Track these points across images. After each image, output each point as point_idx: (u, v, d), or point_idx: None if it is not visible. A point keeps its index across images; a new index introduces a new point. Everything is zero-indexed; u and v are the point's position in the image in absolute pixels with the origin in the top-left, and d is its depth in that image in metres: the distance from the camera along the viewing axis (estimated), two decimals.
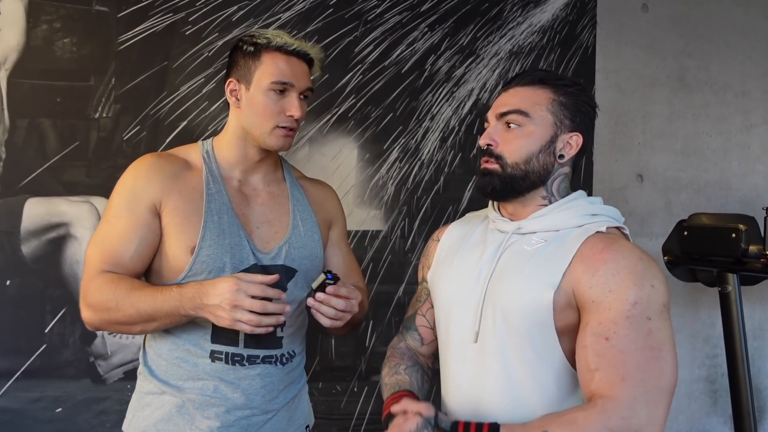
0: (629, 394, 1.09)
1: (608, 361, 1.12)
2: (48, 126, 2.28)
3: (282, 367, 1.49)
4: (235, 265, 1.42)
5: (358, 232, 2.62)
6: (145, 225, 1.41)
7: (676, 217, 2.91)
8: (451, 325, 1.32)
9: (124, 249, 1.40)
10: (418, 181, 2.69)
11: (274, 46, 1.45)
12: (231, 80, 1.49)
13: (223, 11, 2.45)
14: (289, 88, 1.44)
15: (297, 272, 1.50)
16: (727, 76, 3.18)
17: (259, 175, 1.54)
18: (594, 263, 1.17)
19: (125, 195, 1.44)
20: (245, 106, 1.46)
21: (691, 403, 3.18)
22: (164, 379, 1.45)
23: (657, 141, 3.09)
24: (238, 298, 1.27)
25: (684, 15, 3.11)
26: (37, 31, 2.28)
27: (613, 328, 1.13)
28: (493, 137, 1.28)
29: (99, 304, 1.37)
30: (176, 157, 1.50)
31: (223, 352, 1.43)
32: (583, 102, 1.30)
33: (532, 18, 2.82)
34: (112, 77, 2.34)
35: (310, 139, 2.57)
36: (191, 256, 1.40)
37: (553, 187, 1.29)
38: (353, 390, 2.62)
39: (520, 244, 1.27)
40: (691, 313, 3.14)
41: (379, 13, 2.63)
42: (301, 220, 1.54)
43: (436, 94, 2.71)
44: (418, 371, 1.40)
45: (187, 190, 1.45)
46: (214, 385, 1.43)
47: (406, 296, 2.67)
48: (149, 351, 1.49)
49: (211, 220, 1.43)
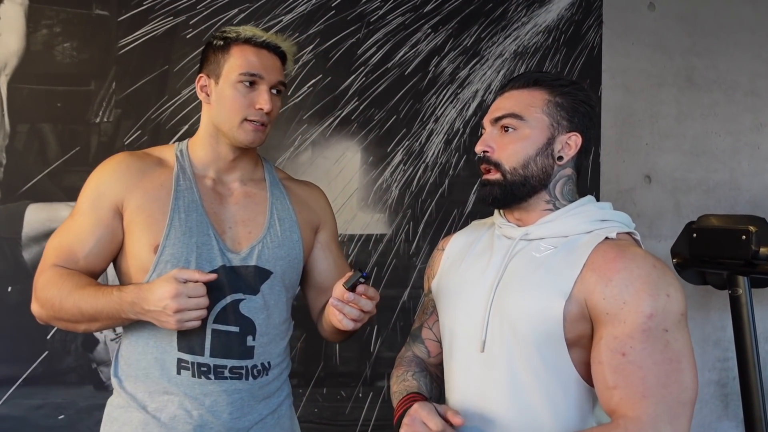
0: (652, 412, 1.07)
1: (626, 378, 1.09)
2: (48, 131, 2.28)
3: (254, 381, 1.41)
4: (201, 264, 1.37)
5: (362, 236, 2.60)
6: (104, 225, 1.39)
7: (684, 218, 2.88)
8: (456, 334, 1.29)
9: (79, 247, 1.38)
10: (422, 184, 2.66)
11: (243, 38, 1.42)
12: (201, 76, 1.46)
13: (224, 14, 2.43)
14: (258, 81, 1.41)
15: (272, 274, 1.44)
16: (736, 74, 3.14)
17: (235, 174, 1.49)
18: (606, 272, 1.14)
19: (90, 192, 1.41)
20: (215, 101, 1.43)
21: (702, 408, 3.14)
22: (131, 392, 1.40)
23: (665, 141, 3.05)
24: (181, 303, 1.24)
25: (692, 13, 3.07)
26: (37, 36, 2.27)
27: (630, 343, 1.10)
28: (489, 143, 1.26)
29: (44, 299, 1.36)
30: (149, 155, 1.48)
31: (189, 361, 1.37)
32: (581, 101, 1.27)
33: (537, 18, 2.79)
34: (112, 81, 2.33)
35: (312, 143, 2.55)
36: (155, 255, 1.36)
37: (556, 191, 1.26)
38: (358, 396, 2.60)
39: (528, 251, 1.23)
40: (701, 316, 3.09)
41: (381, 15, 2.61)
42: (279, 220, 1.49)
43: (440, 96, 2.68)
44: (426, 376, 1.37)
45: (154, 187, 1.41)
46: (179, 401, 1.37)
47: (411, 301, 2.65)
48: (120, 360, 1.45)
49: (177, 218, 1.39)
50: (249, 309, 1.41)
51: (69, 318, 1.35)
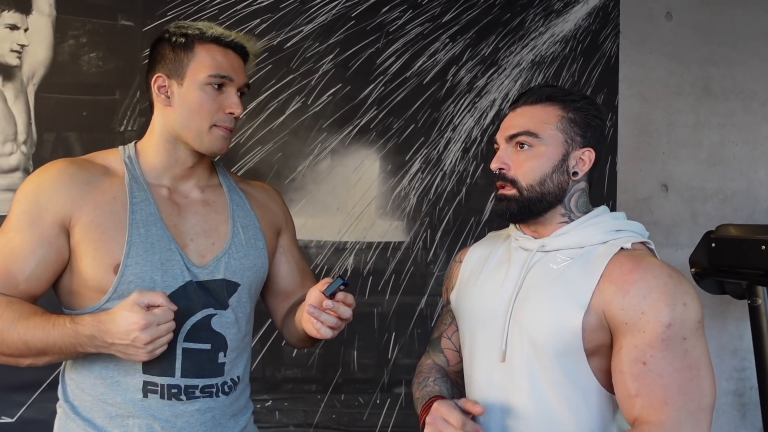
0: (674, 418, 1.09)
1: (648, 387, 1.11)
2: (74, 139, 2.31)
3: (224, 398, 1.32)
4: (168, 282, 1.26)
5: (380, 244, 2.62)
6: (47, 243, 1.23)
7: (701, 227, 2.87)
8: (477, 345, 1.30)
9: (18, 269, 1.22)
10: (440, 192, 2.68)
11: (209, 37, 1.30)
12: (159, 75, 1.30)
13: (246, 24, 2.47)
14: (227, 83, 1.30)
15: (240, 286, 1.35)
16: (753, 83, 3.14)
17: (192, 181, 1.37)
18: (624, 284, 1.15)
19: (26, 207, 1.24)
20: (178, 104, 1.30)
21: (719, 417, 3.13)
22: (88, 416, 1.27)
23: (682, 150, 3.05)
24: (151, 334, 1.13)
25: (708, 22, 3.08)
26: (64, 46, 2.31)
27: (650, 352, 1.11)
28: (505, 161, 1.26)
29: None
30: (92, 163, 1.32)
31: (157, 384, 1.26)
32: (593, 116, 1.28)
33: (554, 28, 2.81)
34: (136, 91, 2.36)
35: (332, 151, 2.57)
36: (115, 275, 1.23)
37: (571, 204, 1.28)
38: (375, 402, 2.61)
39: (546, 263, 1.25)
40: (718, 324, 3.09)
41: (400, 25, 2.64)
42: (242, 228, 1.38)
43: (457, 104, 2.70)
44: (446, 382, 1.39)
45: (105, 199, 1.26)
46: (146, 424, 1.26)
47: (429, 308, 2.66)
48: (69, 384, 1.31)
49: (136, 234, 1.25)
50: (221, 324, 1.32)
51: (11, 353, 1.20)
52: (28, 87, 2.27)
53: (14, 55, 2.25)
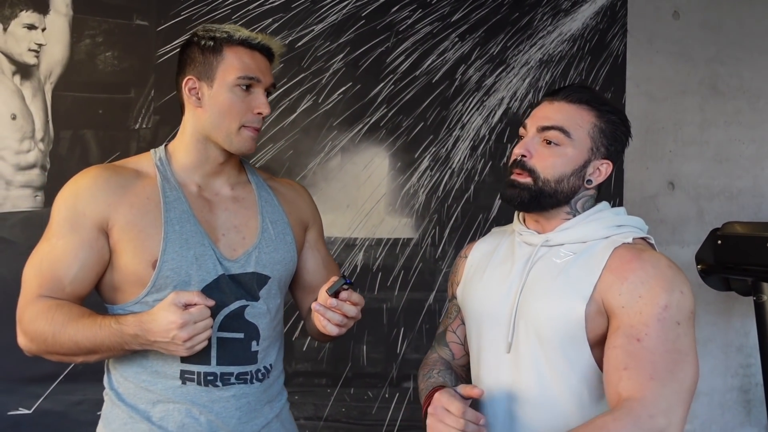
0: (657, 393, 1.12)
1: (638, 362, 1.14)
2: (90, 137, 2.36)
3: (258, 385, 1.38)
4: (202, 276, 1.32)
5: (390, 240, 2.66)
6: (88, 247, 1.29)
7: (708, 225, 2.90)
8: (483, 338, 1.34)
9: (62, 273, 1.28)
10: (448, 189, 2.71)
11: (236, 40, 1.34)
12: (189, 78, 1.35)
13: (259, 24, 2.50)
14: (255, 84, 1.35)
15: (270, 279, 1.40)
16: (760, 82, 3.16)
17: (222, 179, 1.42)
18: (623, 273, 1.19)
19: (66, 213, 1.31)
20: (208, 105, 1.34)
21: (725, 413, 3.15)
22: (132, 403, 1.34)
23: (688, 149, 3.07)
24: (189, 332, 1.19)
25: (716, 21, 3.10)
26: (81, 46, 2.35)
27: (645, 330, 1.15)
28: (530, 150, 1.28)
29: (35, 334, 1.27)
30: (124, 168, 1.38)
31: (194, 372, 1.32)
32: (622, 132, 1.32)
33: (562, 27, 2.84)
34: (151, 89, 2.41)
35: (342, 149, 2.61)
36: (153, 270, 1.29)
37: (578, 205, 1.31)
38: (384, 396, 2.65)
39: (549, 257, 1.28)
40: (724, 321, 3.11)
41: (410, 24, 2.67)
42: (271, 223, 1.43)
43: (466, 103, 2.73)
44: (451, 374, 1.42)
45: (140, 200, 1.32)
46: (186, 410, 1.32)
47: (437, 303, 2.70)
48: (113, 373, 1.38)
49: (171, 231, 1.31)
50: (253, 315, 1.38)
51: (64, 352, 1.27)
52: (46, 85, 2.31)
53: (32, 54, 2.30)
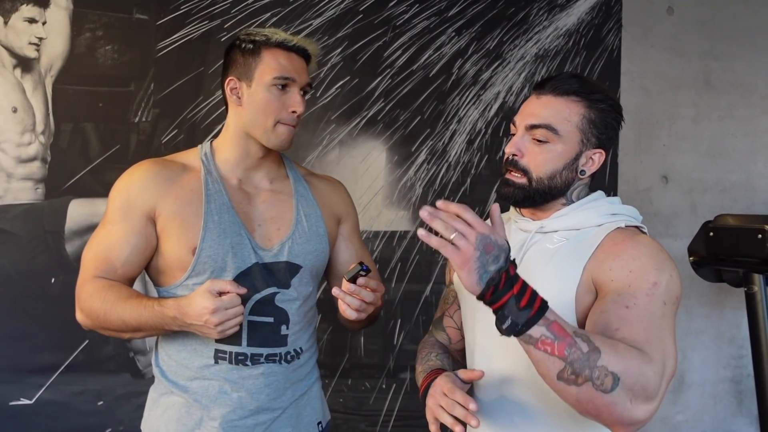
0: (652, 353, 1.08)
1: (630, 324, 1.11)
2: (91, 130, 2.38)
3: (287, 366, 1.49)
4: (237, 264, 1.43)
5: (387, 233, 2.68)
6: (137, 233, 1.43)
7: (701, 218, 2.93)
8: (477, 323, 1.36)
9: (115, 256, 1.42)
10: (445, 182, 2.74)
11: (273, 42, 1.45)
12: (231, 78, 1.48)
13: (257, 18, 2.53)
14: (290, 84, 1.45)
15: (301, 268, 1.50)
16: (753, 77, 3.19)
17: (262, 173, 1.54)
18: (615, 251, 1.21)
19: (120, 202, 1.45)
20: (247, 104, 1.46)
21: (717, 404, 3.19)
22: (173, 379, 1.47)
23: (682, 143, 3.10)
24: (220, 317, 1.29)
25: (709, 17, 3.12)
26: (81, 39, 2.37)
27: (633, 300, 1.14)
28: (521, 149, 1.29)
29: (89, 310, 1.41)
30: (173, 162, 1.51)
31: (227, 351, 1.44)
32: (612, 119, 1.31)
33: (557, 22, 2.86)
34: (151, 83, 2.43)
35: (340, 142, 2.63)
36: (193, 256, 1.42)
37: (573, 196, 1.33)
38: (381, 387, 2.68)
39: (543, 243, 1.30)
40: (716, 313, 3.15)
41: (407, 19, 2.69)
42: (305, 216, 1.54)
43: (462, 97, 2.76)
44: (448, 357, 1.45)
45: (185, 192, 1.45)
46: (219, 385, 1.45)
47: (434, 295, 2.73)
48: (161, 351, 1.52)
49: (211, 221, 1.43)
50: (283, 301, 1.48)
51: (114, 328, 1.41)
52: (46, 79, 2.33)
53: (32, 48, 2.32)
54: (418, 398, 1.33)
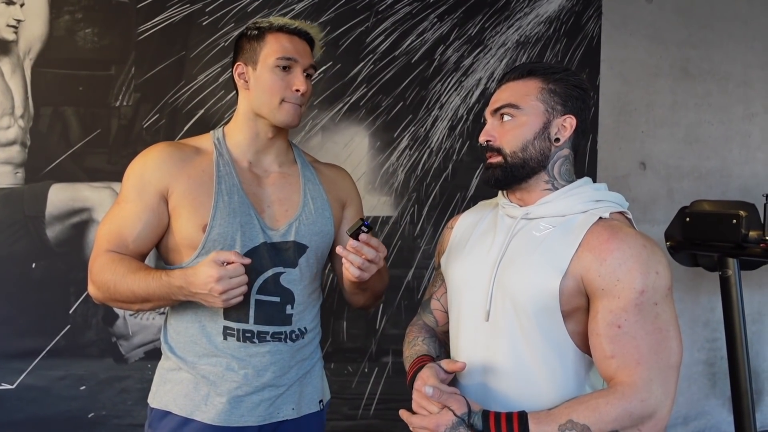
0: (645, 377, 1.18)
1: (622, 348, 1.20)
2: (71, 114, 2.35)
3: (292, 344, 1.54)
4: (245, 242, 1.49)
5: (369, 218, 2.68)
6: (150, 210, 1.48)
7: (677, 204, 2.99)
8: (463, 306, 1.39)
9: (128, 232, 1.48)
10: (427, 168, 2.76)
11: (276, 26, 1.53)
12: (239, 64, 1.56)
13: (239, 2, 2.51)
14: (293, 65, 1.51)
15: (308, 248, 1.56)
16: (729, 66, 3.25)
17: (271, 156, 1.59)
18: (601, 253, 1.23)
19: (134, 181, 1.50)
20: (253, 86, 1.53)
21: (691, 386, 3.27)
22: (181, 355, 1.53)
23: (660, 130, 3.15)
24: (224, 285, 1.34)
25: (687, 6, 3.17)
26: (60, 22, 2.34)
27: (624, 316, 1.20)
28: (491, 133, 1.35)
29: (101, 282, 1.46)
30: (186, 145, 1.57)
31: (234, 328, 1.49)
32: (573, 86, 1.35)
33: (538, 9, 2.88)
34: (132, 67, 2.41)
35: (322, 128, 2.63)
36: (203, 234, 1.47)
37: (554, 171, 1.35)
38: (364, 371, 2.70)
39: (529, 230, 1.33)
40: (691, 297, 3.22)
41: (389, 4, 2.69)
42: (312, 199, 1.60)
43: (444, 83, 2.77)
44: (435, 341, 1.48)
45: (197, 173, 1.51)
46: (226, 362, 1.50)
47: (415, 280, 2.75)
48: (169, 328, 1.56)
49: (221, 200, 1.49)
50: (288, 281, 1.54)
51: (124, 299, 1.46)
52: (25, 62, 2.30)
53: (10, 30, 2.28)
54: (403, 383, 1.36)
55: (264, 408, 1.52)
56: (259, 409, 1.52)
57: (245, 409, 1.51)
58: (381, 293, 1.66)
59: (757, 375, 3.31)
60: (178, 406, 1.51)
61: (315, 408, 1.62)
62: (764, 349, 3.38)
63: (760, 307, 3.35)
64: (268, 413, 1.53)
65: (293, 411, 1.56)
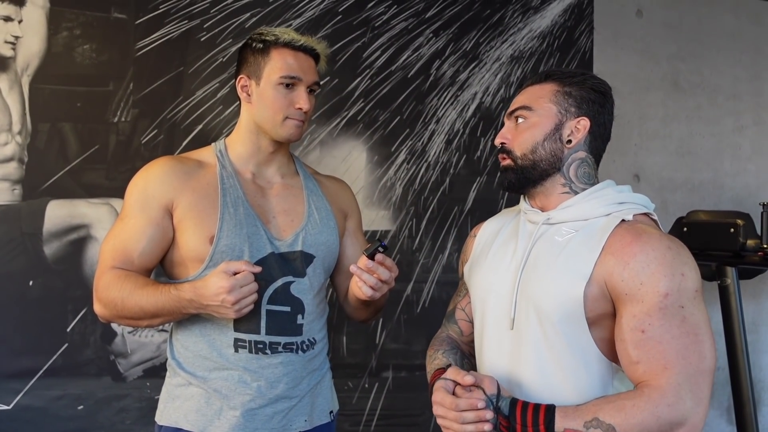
0: (673, 382, 1.14)
1: (648, 353, 1.17)
2: (69, 130, 2.34)
3: (303, 355, 1.53)
4: (253, 253, 1.47)
5: (368, 232, 2.68)
6: (155, 225, 1.46)
7: (671, 215, 3.01)
8: (487, 314, 1.36)
9: (132, 248, 1.46)
10: (424, 182, 2.77)
11: (282, 42, 1.51)
12: (242, 77, 1.54)
13: (237, 18, 2.52)
14: (297, 82, 1.50)
15: (315, 257, 1.55)
16: (718, 79, 3.30)
17: (273, 168, 1.59)
18: (624, 256, 1.20)
19: (137, 196, 1.49)
20: (256, 101, 1.52)
21: None
22: (191, 371, 1.50)
23: (652, 142, 3.19)
24: (236, 295, 1.33)
25: (677, 20, 3.22)
26: (58, 38, 2.34)
27: (648, 320, 1.17)
28: (506, 135, 1.35)
29: (107, 300, 1.43)
30: (189, 158, 1.56)
31: (246, 340, 1.47)
32: (590, 88, 1.33)
33: (532, 24, 2.92)
34: (130, 82, 2.40)
35: (320, 142, 2.64)
36: (210, 246, 1.45)
37: (570, 173, 1.32)
38: (364, 386, 2.68)
39: (551, 235, 1.30)
40: None
41: (386, 20, 2.72)
42: (316, 209, 1.59)
43: (441, 97, 2.79)
44: (456, 353, 1.45)
45: (201, 186, 1.50)
46: (239, 375, 1.47)
47: (414, 294, 2.75)
48: (176, 344, 1.54)
49: (227, 212, 1.48)
50: (298, 290, 1.52)
51: (132, 316, 1.44)
52: (23, 78, 2.29)
53: (8, 47, 2.27)
54: (404, 398, 1.35)
55: (278, 420, 1.51)
56: (273, 421, 1.50)
57: (259, 422, 1.49)
58: (383, 307, 1.66)
59: (755, 384, 3.32)
60: (190, 422, 1.48)
61: (326, 419, 1.61)
62: (761, 359, 3.40)
63: (755, 317, 3.37)
64: (281, 425, 1.51)
65: (306, 423, 1.55)
